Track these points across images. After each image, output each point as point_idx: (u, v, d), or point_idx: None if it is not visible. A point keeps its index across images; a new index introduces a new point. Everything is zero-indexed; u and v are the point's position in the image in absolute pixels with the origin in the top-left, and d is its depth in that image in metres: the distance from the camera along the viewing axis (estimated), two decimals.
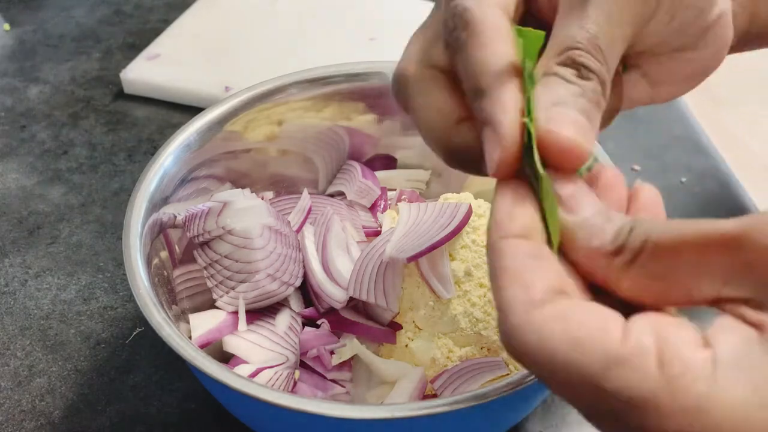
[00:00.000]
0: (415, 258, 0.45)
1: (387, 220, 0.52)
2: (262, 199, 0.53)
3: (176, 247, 0.48)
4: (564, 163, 0.26)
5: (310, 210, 0.53)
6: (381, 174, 0.57)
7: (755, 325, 0.22)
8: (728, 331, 0.22)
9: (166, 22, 0.83)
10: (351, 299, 0.47)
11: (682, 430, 0.21)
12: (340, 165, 0.57)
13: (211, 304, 0.47)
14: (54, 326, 0.55)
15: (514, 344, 0.24)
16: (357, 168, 0.56)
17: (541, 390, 0.43)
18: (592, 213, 0.26)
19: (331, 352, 0.46)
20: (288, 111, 0.53)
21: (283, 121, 0.53)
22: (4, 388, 0.51)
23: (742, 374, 0.21)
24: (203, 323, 0.46)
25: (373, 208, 0.55)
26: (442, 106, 0.31)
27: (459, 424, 0.40)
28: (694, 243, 0.23)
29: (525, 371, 0.37)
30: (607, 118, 0.33)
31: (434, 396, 0.44)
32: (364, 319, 0.47)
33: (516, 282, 0.25)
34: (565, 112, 0.27)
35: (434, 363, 0.45)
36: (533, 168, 0.27)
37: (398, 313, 0.47)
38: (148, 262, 0.43)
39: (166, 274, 0.47)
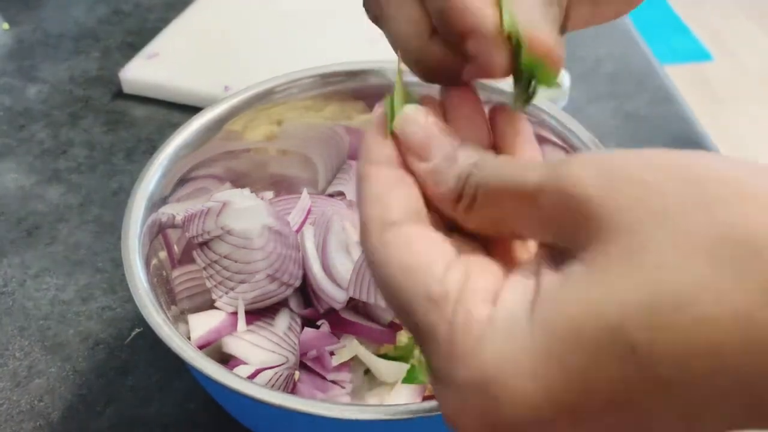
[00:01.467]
0: None
1: None
2: (262, 199, 0.53)
3: (175, 248, 0.48)
4: (549, 63, 0.28)
5: (310, 210, 0.53)
6: None
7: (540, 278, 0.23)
8: (514, 289, 0.23)
9: (165, 22, 0.83)
10: (351, 300, 0.47)
11: (446, 376, 0.23)
12: (340, 165, 0.56)
13: (211, 305, 0.47)
14: (53, 327, 0.55)
15: (369, 260, 0.26)
16: None
17: None
18: (441, 158, 0.27)
19: (331, 353, 0.46)
20: (288, 111, 0.53)
21: (283, 120, 0.53)
22: (2, 388, 0.51)
23: (502, 343, 0.22)
24: (202, 324, 0.46)
25: None
26: (416, 18, 0.30)
27: None
28: (511, 193, 0.24)
29: None
30: None
31: (434, 396, 0.44)
32: (364, 320, 0.47)
33: (377, 203, 0.26)
34: (542, 22, 0.28)
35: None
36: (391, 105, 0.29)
37: None
38: (147, 262, 0.43)
39: (165, 274, 0.47)
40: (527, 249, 0.28)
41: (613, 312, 0.21)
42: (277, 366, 0.45)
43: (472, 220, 0.26)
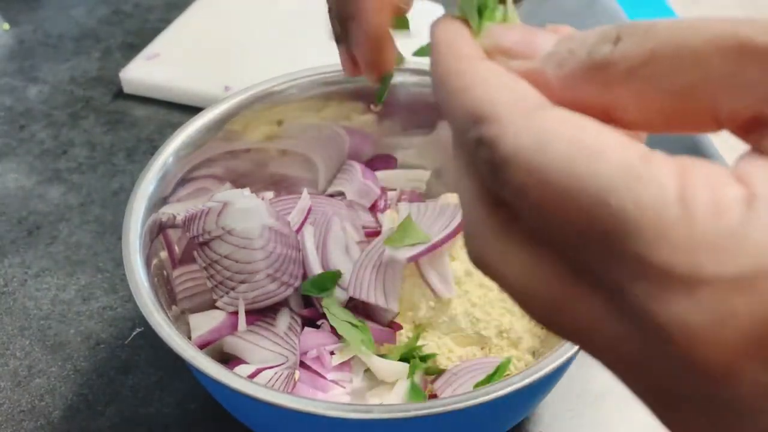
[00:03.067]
0: (415, 258, 0.45)
1: (387, 220, 0.52)
2: (262, 199, 0.53)
3: (176, 248, 0.48)
4: None
5: (310, 210, 0.53)
6: (381, 174, 0.56)
7: None
8: (765, 168, 0.17)
9: (166, 22, 0.83)
10: (351, 299, 0.47)
11: (686, 274, 0.17)
12: (340, 165, 0.57)
13: (211, 305, 0.47)
14: (53, 326, 0.55)
15: (498, 153, 0.19)
16: (357, 168, 0.55)
17: (541, 390, 0.43)
18: (552, 45, 0.21)
19: (331, 353, 0.46)
20: (288, 111, 0.53)
21: (283, 121, 0.53)
22: (3, 388, 0.51)
23: None
24: (203, 323, 0.46)
25: (373, 208, 0.55)
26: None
27: (459, 424, 0.40)
28: (728, 48, 0.18)
29: (525, 371, 0.37)
30: None
31: (434, 396, 0.44)
32: (364, 320, 0.47)
33: (504, 88, 0.20)
34: None
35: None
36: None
37: (398, 313, 0.47)
38: (148, 262, 0.43)
39: (165, 274, 0.47)
40: None
41: None
42: (277, 366, 0.45)
43: (631, 95, 0.20)
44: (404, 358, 0.45)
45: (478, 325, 0.45)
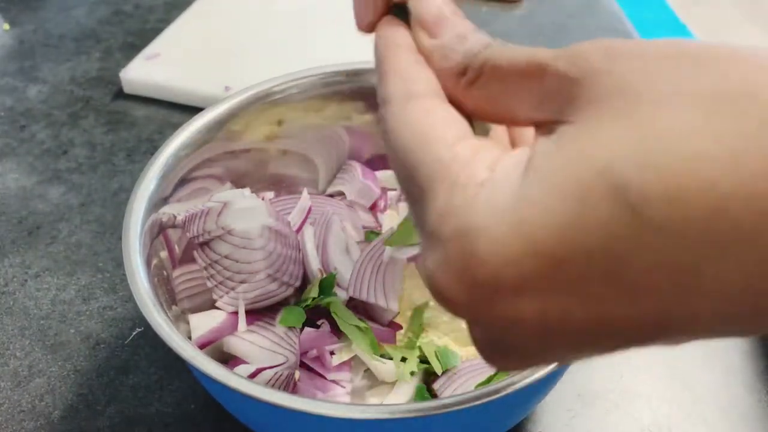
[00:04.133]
0: (415, 258, 0.45)
1: (387, 220, 0.52)
2: (262, 199, 0.53)
3: (176, 247, 0.48)
4: None
5: (310, 210, 0.53)
6: (381, 174, 0.57)
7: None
8: (511, 156, 0.23)
9: (166, 22, 0.83)
10: (351, 299, 0.47)
11: (434, 232, 0.23)
12: (340, 165, 0.57)
13: (211, 305, 0.47)
14: (53, 326, 0.55)
15: (386, 129, 0.27)
16: (357, 168, 0.55)
17: (541, 390, 0.43)
18: (450, 36, 0.28)
19: (331, 353, 0.46)
20: (288, 111, 0.53)
21: (283, 121, 0.53)
22: (3, 388, 0.51)
23: (491, 197, 0.22)
24: (203, 323, 0.46)
25: (373, 208, 0.55)
26: None
27: (459, 424, 0.40)
28: (518, 69, 0.25)
29: (525, 372, 0.37)
30: None
31: (434, 396, 0.44)
32: (364, 319, 0.47)
33: (401, 78, 0.27)
34: None
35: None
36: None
37: (398, 313, 0.47)
38: (148, 262, 0.43)
39: (165, 274, 0.47)
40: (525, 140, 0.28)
41: (602, 156, 0.20)
42: (278, 366, 0.45)
43: (471, 97, 0.26)
44: (404, 358, 0.45)
45: None
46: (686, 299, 0.19)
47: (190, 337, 0.45)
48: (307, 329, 0.47)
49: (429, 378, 0.46)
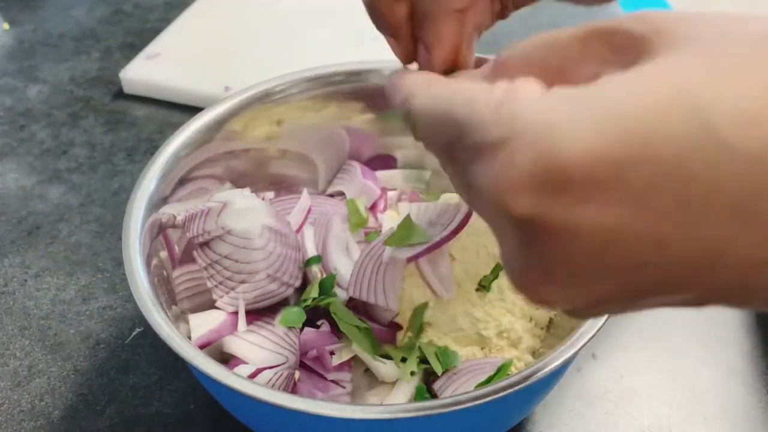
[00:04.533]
0: (415, 258, 0.45)
1: (387, 220, 0.52)
2: (262, 199, 0.53)
3: (176, 247, 0.48)
4: None
5: (310, 210, 0.53)
6: (381, 174, 0.56)
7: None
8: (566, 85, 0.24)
9: (166, 22, 0.83)
10: (351, 299, 0.47)
11: (494, 136, 0.23)
12: (340, 165, 0.57)
13: (211, 305, 0.47)
14: (53, 326, 0.55)
15: (414, 118, 0.29)
16: (357, 168, 0.55)
17: (541, 390, 0.43)
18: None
19: (331, 353, 0.46)
20: (288, 111, 0.53)
21: (283, 120, 0.53)
22: (3, 388, 0.51)
23: (561, 102, 0.22)
24: (203, 323, 0.46)
25: (373, 208, 0.55)
26: None
27: (459, 424, 0.40)
28: (579, 38, 0.27)
29: (525, 371, 0.37)
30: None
31: (434, 396, 0.44)
32: (364, 320, 0.47)
33: (419, 78, 0.31)
34: None
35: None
36: None
37: (398, 313, 0.47)
38: (148, 262, 0.43)
39: (165, 274, 0.47)
40: None
41: (683, 79, 0.21)
42: (277, 366, 0.45)
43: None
44: (404, 359, 0.45)
45: (478, 325, 0.45)
46: (741, 233, 0.20)
47: (189, 337, 0.45)
48: (307, 329, 0.47)
49: (429, 378, 0.45)
